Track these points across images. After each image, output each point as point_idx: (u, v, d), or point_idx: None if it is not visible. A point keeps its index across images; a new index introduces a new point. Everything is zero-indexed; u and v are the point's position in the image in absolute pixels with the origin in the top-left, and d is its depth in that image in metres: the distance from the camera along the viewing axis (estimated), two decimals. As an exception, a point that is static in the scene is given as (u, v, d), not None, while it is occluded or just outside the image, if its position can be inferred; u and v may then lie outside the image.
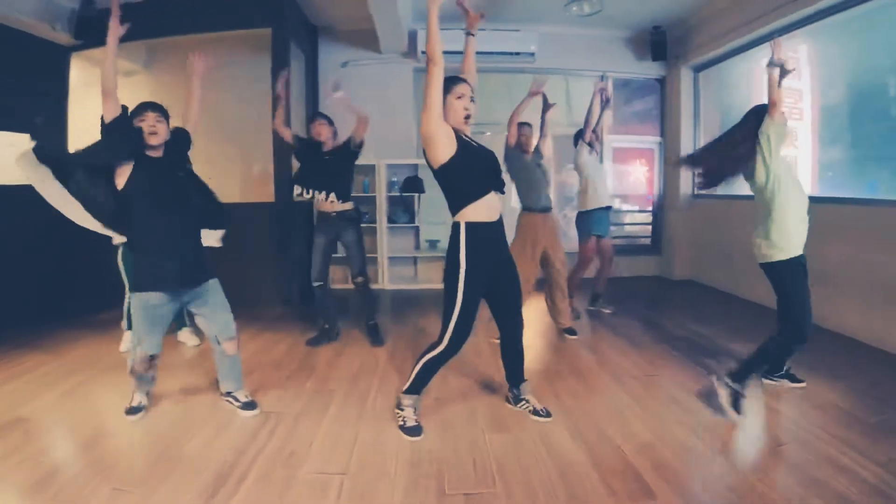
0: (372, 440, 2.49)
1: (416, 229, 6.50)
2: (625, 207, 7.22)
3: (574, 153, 4.78)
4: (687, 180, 6.64)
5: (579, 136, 4.72)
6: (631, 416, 2.72)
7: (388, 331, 4.35)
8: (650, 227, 7.19)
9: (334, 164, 3.86)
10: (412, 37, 6.12)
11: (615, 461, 2.27)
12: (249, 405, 2.79)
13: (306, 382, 3.23)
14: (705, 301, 5.42)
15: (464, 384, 3.21)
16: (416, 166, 6.31)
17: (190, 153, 2.93)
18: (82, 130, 5.68)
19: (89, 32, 5.24)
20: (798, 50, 5.14)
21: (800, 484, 2.06)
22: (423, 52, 5.19)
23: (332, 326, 4.05)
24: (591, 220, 4.60)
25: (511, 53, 6.21)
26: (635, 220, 7.28)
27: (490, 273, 2.49)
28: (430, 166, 2.42)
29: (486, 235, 2.44)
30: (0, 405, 2.93)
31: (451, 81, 2.46)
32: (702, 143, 6.57)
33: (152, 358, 2.69)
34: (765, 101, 2.80)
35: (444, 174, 2.39)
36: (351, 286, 4.10)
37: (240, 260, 4.08)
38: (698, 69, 6.54)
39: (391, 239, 6.37)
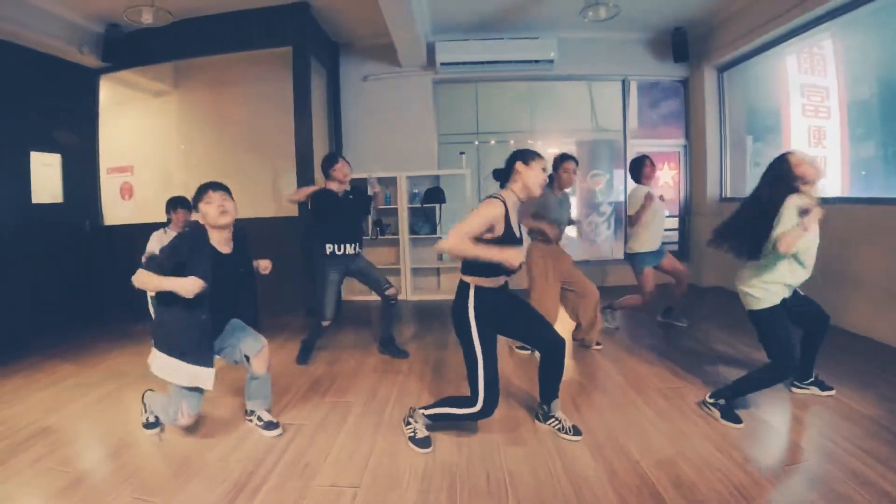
0: (387, 452, 2.49)
1: (439, 240, 6.48)
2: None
3: (632, 191, 4.42)
4: (714, 184, 6.49)
5: (637, 172, 4.35)
6: (652, 430, 2.65)
7: (411, 342, 4.35)
8: (677, 233, 7.03)
9: (354, 212, 3.92)
10: (430, 49, 6.17)
11: (632, 477, 2.21)
12: (271, 425, 2.77)
13: (326, 394, 3.27)
14: (735, 309, 5.16)
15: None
16: (437, 177, 6.34)
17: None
18: (112, 148, 5.93)
19: (116, 55, 5.48)
20: (823, 46, 4.99)
21: (823, 498, 1.98)
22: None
23: (311, 345, 4.01)
24: (643, 260, 4.35)
25: (530, 61, 6.20)
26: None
27: (502, 326, 2.56)
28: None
29: (493, 297, 2.49)
30: (30, 414, 3.07)
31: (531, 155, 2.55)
32: (728, 145, 6.43)
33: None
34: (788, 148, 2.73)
35: None
36: (376, 298, 4.13)
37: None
38: (722, 69, 6.41)
39: (413, 250, 6.39)
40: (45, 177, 5.20)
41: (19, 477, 2.36)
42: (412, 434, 2.56)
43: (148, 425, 2.81)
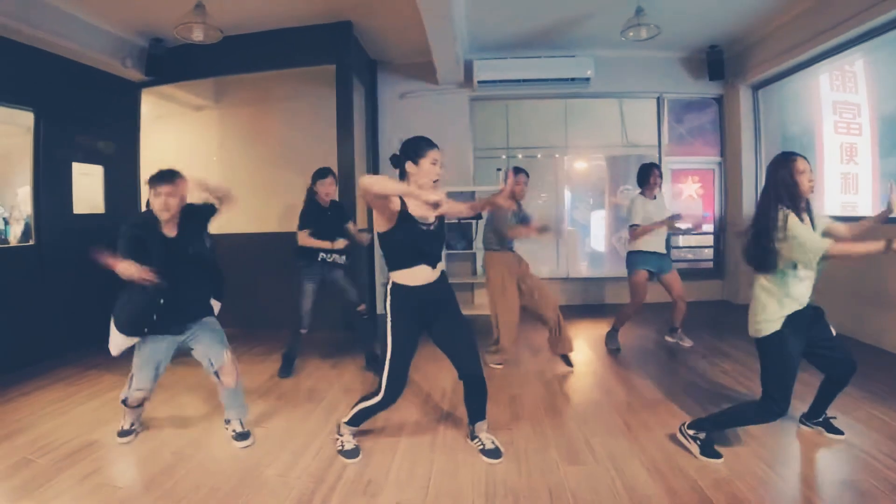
0: (447, 470, 2.53)
1: (473, 255, 6.57)
2: (682, 228, 7.08)
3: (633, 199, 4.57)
4: (750, 200, 6.47)
5: (644, 178, 4.50)
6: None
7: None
8: (712, 251, 7.02)
9: (338, 220, 4.07)
10: (468, 67, 6.26)
11: (691, 495, 2.24)
12: (243, 435, 2.87)
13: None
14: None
15: (531, 411, 3.24)
16: (472, 194, 6.41)
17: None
18: (152, 161, 6.09)
19: (159, 69, 5.64)
20: (854, 63, 5.00)
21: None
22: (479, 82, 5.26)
23: (292, 356, 4.12)
24: (637, 258, 4.47)
25: (567, 80, 6.28)
26: (696, 243, 7.12)
27: (422, 329, 2.59)
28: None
29: (413, 296, 2.51)
30: (74, 427, 3.07)
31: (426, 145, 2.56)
32: (763, 162, 6.42)
33: (144, 396, 2.81)
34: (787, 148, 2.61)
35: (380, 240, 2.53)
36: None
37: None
38: (757, 87, 6.42)
39: (449, 265, 6.44)
40: (87, 187, 5.32)
41: (66, 496, 2.32)
42: (340, 447, 2.68)
43: (122, 433, 2.89)
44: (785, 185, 2.39)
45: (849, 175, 5.09)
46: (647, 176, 4.44)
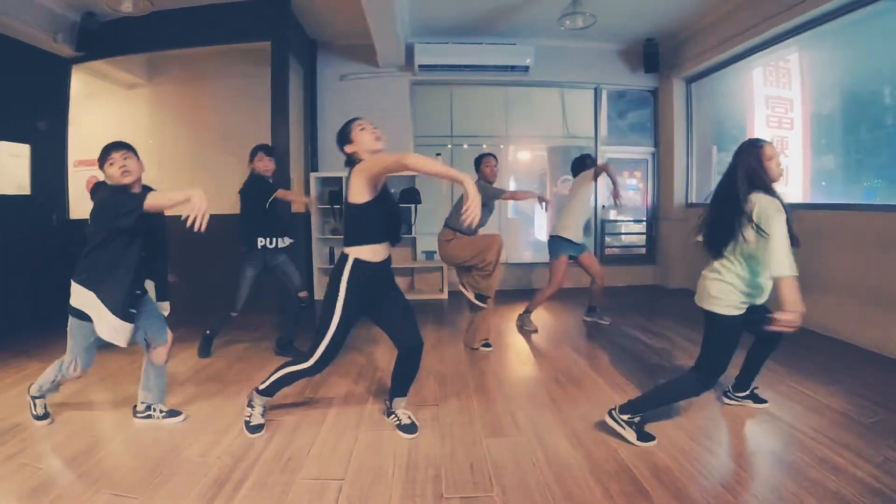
0: (370, 445, 2.51)
1: (414, 240, 6.53)
2: (619, 218, 7.28)
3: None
4: (681, 190, 6.71)
5: (579, 166, 4.77)
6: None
7: (384, 340, 4.36)
8: (644, 237, 7.25)
9: (280, 205, 3.93)
10: (409, 50, 6.20)
11: (611, 464, 2.28)
12: (173, 413, 2.83)
13: (305, 390, 3.24)
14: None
15: (459, 388, 3.24)
16: (412, 178, 6.36)
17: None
18: (81, 140, 5.74)
19: (91, 44, 5.32)
20: (788, 59, 5.23)
21: (796, 484, 2.08)
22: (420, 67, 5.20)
23: (213, 337, 4.07)
24: (559, 244, 4.64)
25: (506, 67, 6.32)
26: (630, 230, 7.34)
27: (370, 306, 2.59)
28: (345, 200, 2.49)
29: (371, 272, 2.50)
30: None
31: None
32: (694, 154, 6.67)
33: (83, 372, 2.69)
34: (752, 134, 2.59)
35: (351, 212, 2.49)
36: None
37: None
38: (690, 80, 6.65)
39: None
40: (13, 167, 5.00)
41: None
42: (248, 419, 2.66)
43: (38, 417, 2.78)
44: (753, 171, 2.35)
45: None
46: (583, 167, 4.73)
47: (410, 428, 2.63)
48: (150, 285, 2.90)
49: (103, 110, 6.15)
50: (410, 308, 2.70)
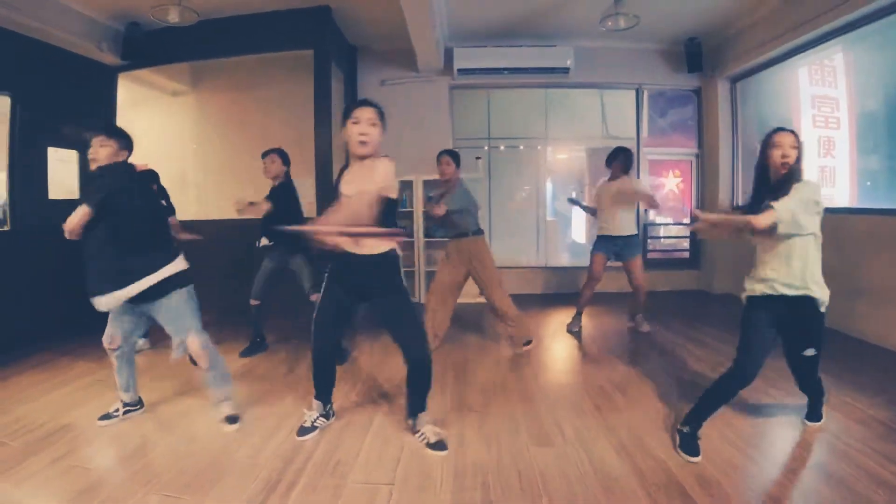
0: (416, 451, 2.54)
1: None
2: (658, 220, 7.16)
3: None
4: (726, 192, 6.56)
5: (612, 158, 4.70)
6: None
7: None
8: (688, 241, 7.10)
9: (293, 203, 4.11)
10: (448, 55, 6.25)
11: (660, 475, 2.27)
12: (232, 419, 2.87)
13: (351, 393, 3.31)
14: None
15: (503, 396, 3.26)
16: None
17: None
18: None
19: (135, 53, 5.53)
20: (834, 58, 5.07)
21: (842, 499, 2.05)
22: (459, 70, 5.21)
23: (262, 339, 4.25)
24: (594, 242, 4.74)
25: (547, 69, 6.29)
26: (672, 234, 7.21)
27: (355, 298, 2.62)
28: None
29: (341, 262, 2.52)
30: (47, 412, 3.03)
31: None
32: (740, 155, 6.50)
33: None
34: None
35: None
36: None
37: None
38: (735, 80, 6.48)
39: (428, 253, 6.46)
40: (63, 173, 5.24)
41: (38, 477, 2.32)
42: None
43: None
44: (759, 158, 2.45)
45: (826, 168, 5.15)
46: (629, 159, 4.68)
47: (439, 446, 2.54)
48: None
49: (149, 117, 6.38)
50: (413, 317, 2.62)
